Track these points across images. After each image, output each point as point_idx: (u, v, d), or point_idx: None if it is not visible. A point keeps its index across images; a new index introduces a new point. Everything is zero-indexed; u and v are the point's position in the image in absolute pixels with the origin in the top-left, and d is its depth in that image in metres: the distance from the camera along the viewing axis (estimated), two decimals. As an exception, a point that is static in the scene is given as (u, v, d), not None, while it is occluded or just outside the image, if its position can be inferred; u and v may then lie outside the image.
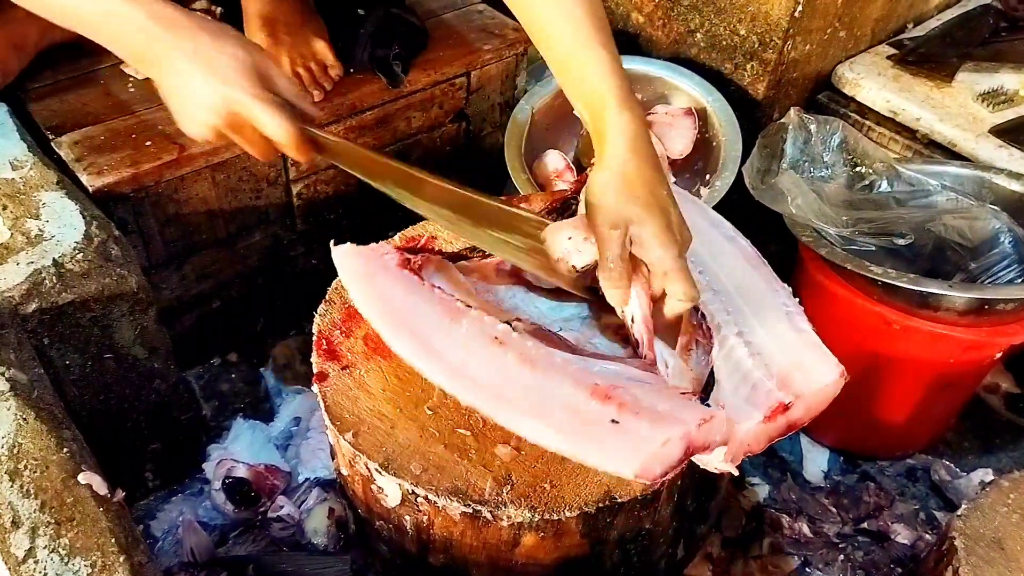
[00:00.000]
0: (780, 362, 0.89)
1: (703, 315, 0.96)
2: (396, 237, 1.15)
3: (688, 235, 0.90)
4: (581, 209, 1.08)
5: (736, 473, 0.86)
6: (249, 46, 0.93)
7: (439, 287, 0.98)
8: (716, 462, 0.83)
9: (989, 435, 1.52)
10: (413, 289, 0.95)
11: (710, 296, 0.97)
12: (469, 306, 0.93)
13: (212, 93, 0.89)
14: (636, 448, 0.77)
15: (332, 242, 1.00)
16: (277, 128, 0.90)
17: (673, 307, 0.89)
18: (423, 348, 0.89)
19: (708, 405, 0.89)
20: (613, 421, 0.79)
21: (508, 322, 0.94)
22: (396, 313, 0.92)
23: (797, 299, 1.00)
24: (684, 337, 0.94)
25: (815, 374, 0.89)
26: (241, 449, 1.38)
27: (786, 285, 1.02)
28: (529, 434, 0.82)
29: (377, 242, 1.11)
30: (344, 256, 0.99)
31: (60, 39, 1.36)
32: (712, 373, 0.92)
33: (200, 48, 0.89)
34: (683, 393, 0.91)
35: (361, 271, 0.97)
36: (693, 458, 0.81)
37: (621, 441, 0.78)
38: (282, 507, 1.29)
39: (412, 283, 0.96)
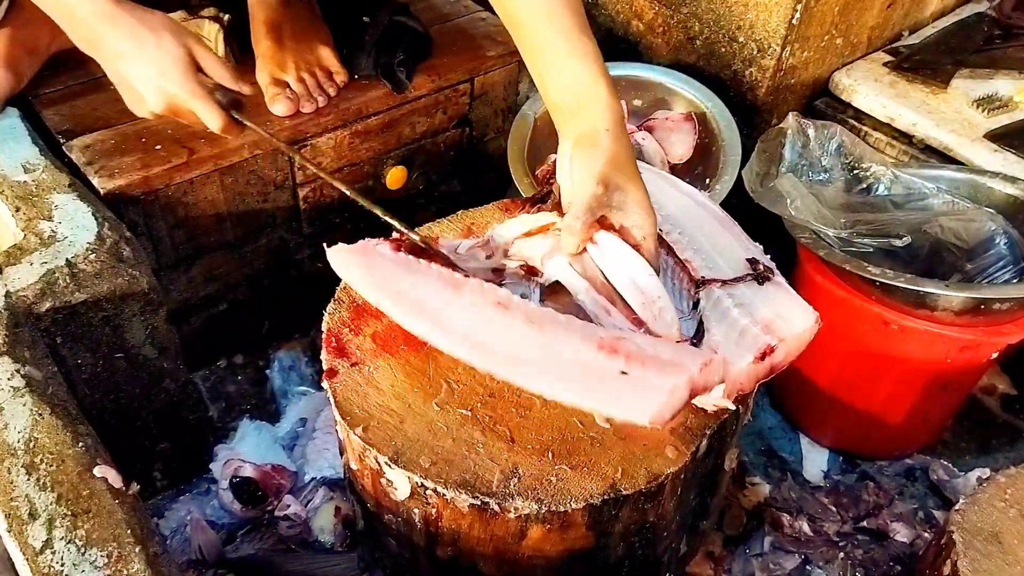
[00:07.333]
0: (762, 312, 0.95)
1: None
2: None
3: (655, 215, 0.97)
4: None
5: (732, 408, 0.92)
6: (182, 36, 1.04)
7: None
8: (715, 399, 0.89)
9: (986, 436, 1.54)
10: (413, 268, 0.96)
11: (691, 254, 1.03)
12: (467, 275, 0.95)
13: (152, 86, 1.03)
14: (647, 397, 0.81)
15: (325, 244, 1.01)
16: (208, 118, 1.05)
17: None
18: (434, 323, 0.91)
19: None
20: (622, 372, 0.83)
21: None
22: (403, 295, 0.94)
23: (768, 255, 1.05)
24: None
25: (795, 321, 0.95)
26: (248, 449, 1.39)
27: (757, 243, 1.07)
28: (546, 391, 0.85)
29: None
30: (340, 254, 1.00)
31: (72, 44, 1.38)
32: (701, 322, 0.96)
33: (140, 42, 1.01)
34: (678, 342, 0.95)
35: (360, 263, 0.98)
36: (694, 400, 0.87)
37: (633, 391, 0.82)
38: (289, 506, 1.30)
39: (409, 263, 0.97)
